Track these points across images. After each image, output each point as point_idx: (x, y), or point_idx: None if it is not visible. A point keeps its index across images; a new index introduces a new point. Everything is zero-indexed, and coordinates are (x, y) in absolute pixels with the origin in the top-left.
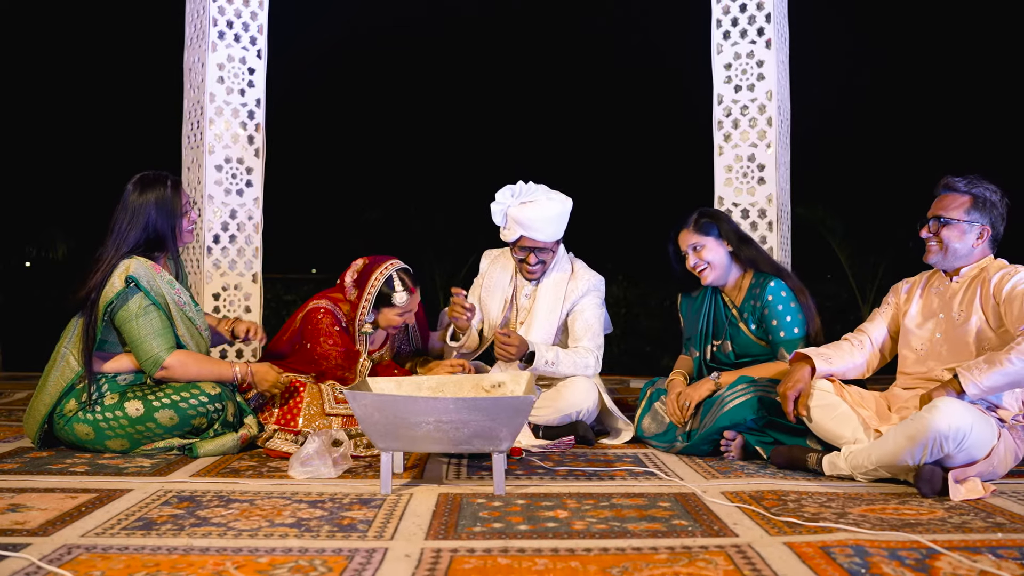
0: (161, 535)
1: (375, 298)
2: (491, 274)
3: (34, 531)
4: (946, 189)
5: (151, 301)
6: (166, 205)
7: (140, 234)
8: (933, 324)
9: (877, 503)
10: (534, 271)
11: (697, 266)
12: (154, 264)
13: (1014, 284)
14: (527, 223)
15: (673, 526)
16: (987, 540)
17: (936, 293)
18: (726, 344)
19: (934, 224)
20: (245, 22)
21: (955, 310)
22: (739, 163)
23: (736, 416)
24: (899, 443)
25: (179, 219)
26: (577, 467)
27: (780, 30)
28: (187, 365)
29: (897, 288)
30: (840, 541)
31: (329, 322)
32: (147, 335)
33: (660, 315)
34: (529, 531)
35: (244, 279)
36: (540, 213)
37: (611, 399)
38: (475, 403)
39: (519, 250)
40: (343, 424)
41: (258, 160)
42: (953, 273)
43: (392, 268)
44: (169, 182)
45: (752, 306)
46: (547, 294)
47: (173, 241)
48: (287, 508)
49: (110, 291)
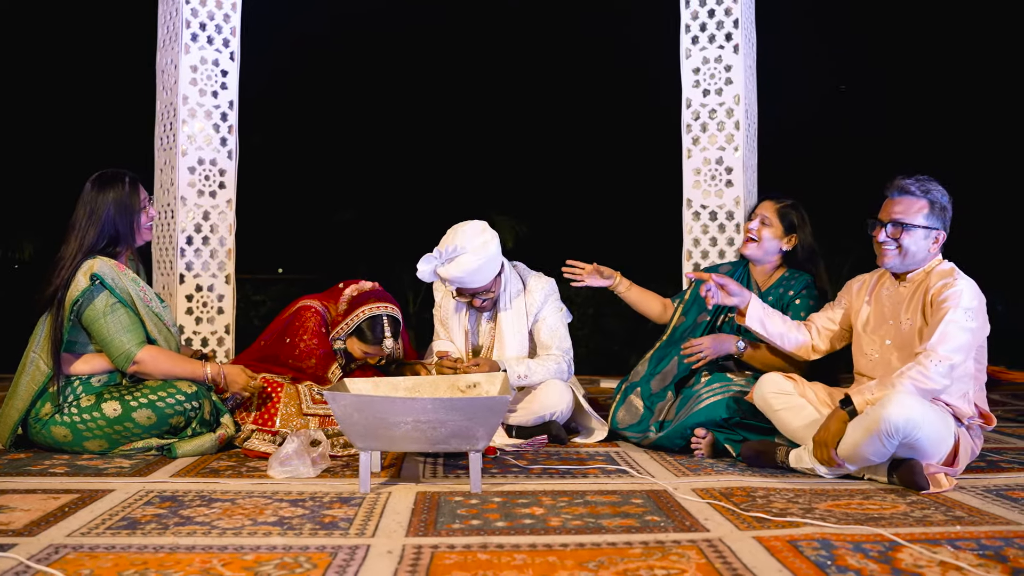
0: (146, 534)
1: (354, 327)
2: (446, 306)
3: (19, 531)
4: (901, 192)
5: (117, 298)
6: (124, 201)
7: (99, 231)
8: (883, 330)
9: (842, 498)
10: (485, 306)
11: (751, 232)
12: (117, 263)
13: (945, 298)
14: (457, 279)
15: (646, 522)
16: (946, 532)
17: (887, 296)
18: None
19: (894, 229)
20: (218, 24)
21: (903, 317)
22: (707, 166)
23: (711, 414)
24: (856, 436)
25: (137, 215)
26: (551, 465)
27: (748, 36)
28: (159, 360)
29: (850, 286)
30: (807, 535)
31: (317, 322)
32: (117, 332)
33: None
34: (507, 527)
35: (217, 280)
36: (465, 269)
37: (585, 399)
38: (452, 403)
39: (463, 296)
40: (320, 424)
41: (231, 162)
42: (902, 277)
43: (382, 310)
44: (127, 179)
45: (779, 292)
46: (508, 315)
47: (132, 237)
48: (269, 507)
49: (75, 290)
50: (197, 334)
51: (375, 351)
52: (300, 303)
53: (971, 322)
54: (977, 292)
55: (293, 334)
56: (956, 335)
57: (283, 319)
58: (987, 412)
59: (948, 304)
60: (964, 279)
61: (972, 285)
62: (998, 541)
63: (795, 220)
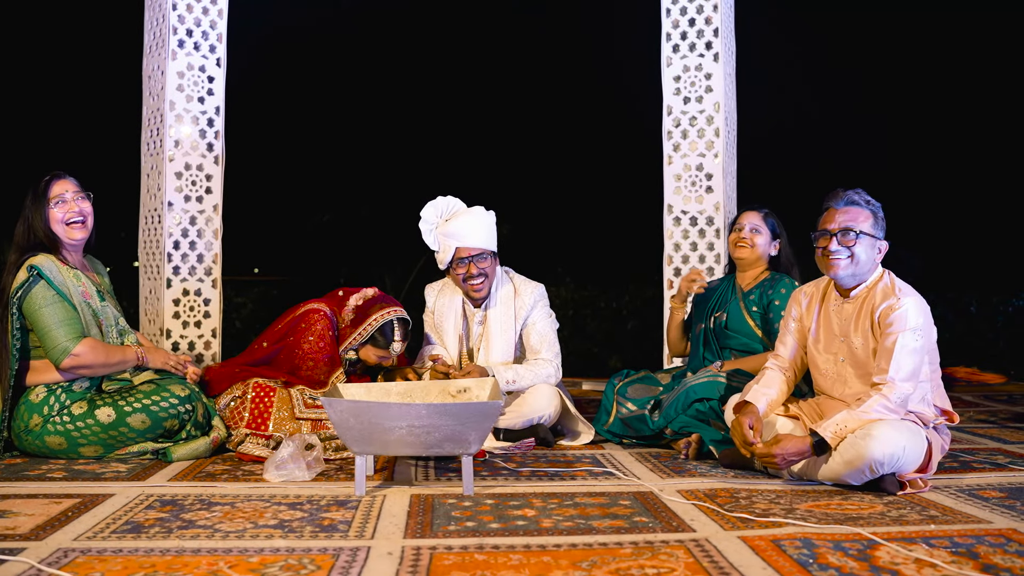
0: (151, 538)
1: (368, 336)
2: (439, 309)
3: (27, 536)
4: (848, 203)
5: (55, 291)
6: (36, 196)
7: (24, 227)
8: (835, 347)
9: (822, 499)
10: (479, 286)
11: (744, 241)
12: (58, 259)
13: (891, 321)
14: (457, 233)
15: (635, 523)
16: (921, 531)
17: (834, 313)
18: (722, 314)
19: (844, 237)
20: (204, 31)
21: (852, 336)
22: (688, 172)
23: (708, 390)
24: (838, 465)
25: (45, 207)
26: (539, 468)
27: (727, 44)
28: (96, 351)
29: (797, 298)
30: (790, 535)
31: (325, 325)
32: (53, 324)
33: (608, 317)
34: (501, 529)
35: (204, 285)
36: (466, 220)
37: (572, 402)
38: (446, 408)
39: (459, 265)
40: (312, 428)
41: (217, 167)
42: (845, 294)
43: (394, 315)
44: (48, 176)
45: (760, 293)
46: (497, 316)
47: (49, 231)
48: (268, 510)
49: (15, 282)
50: (184, 338)
51: (393, 354)
52: (307, 306)
53: (919, 341)
54: (921, 307)
55: (299, 335)
56: (909, 359)
57: (288, 321)
58: (949, 410)
59: (895, 328)
60: (907, 296)
61: (915, 302)
62: (970, 539)
63: (777, 226)
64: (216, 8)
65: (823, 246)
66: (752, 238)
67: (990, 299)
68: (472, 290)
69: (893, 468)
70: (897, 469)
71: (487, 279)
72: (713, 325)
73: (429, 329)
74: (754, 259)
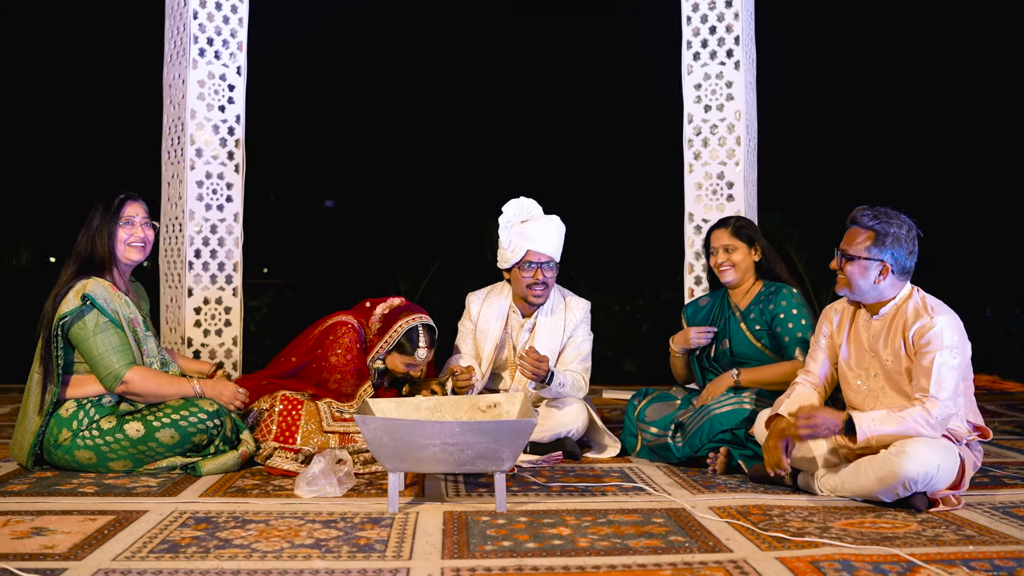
0: (189, 558)
1: (394, 344)
2: (484, 315)
3: (65, 555)
4: (851, 222)
5: (108, 318)
6: (104, 216)
7: (87, 247)
8: (866, 363)
9: (855, 516)
10: (540, 293)
11: (722, 265)
12: (111, 284)
13: (927, 341)
14: (532, 236)
15: (671, 542)
16: (959, 552)
17: (863, 328)
18: (724, 341)
19: (840, 259)
20: (225, 39)
21: (882, 353)
22: (708, 180)
23: (735, 417)
24: (870, 481)
25: (114, 228)
26: (569, 483)
27: (748, 52)
28: (147, 379)
29: (828, 316)
30: (828, 555)
31: (353, 338)
32: (106, 351)
33: (622, 321)
34: (537, 549)
35: (225, 293)
36: (543, 226)
37: (598, 416)
38: (479, 426)
39: (526, 268)
40: (340, 441)
41: (238, 175)
42: (873, 311)
43: (419, 321)
44: (120, 195)
45: (760, 310)
46: (547, 325)
47: (111, 253)
48: (303, 528)
49: (65, 307)
50: (205, 346)
51: (420, 361)
52: (335, 318)
53: (956, 358)
54: (956, 325)
55: (326, 348)
56: (949, 377)
57: (316, 334)
58: (982, 426)
59: (932, 347)
60: (941, 315)
61: (950, 320)
62: (1010, 562)
63: (749, 232)
64: (236, 17)
65: (832, 264)
66: (729, 258)
67: (1006, 302)
68: (532, 295)
69: (926, 487)
70: (930, 487)
71: (548, 288)
72: (715, 353)
73: (461, 340)
74: (739, 278)
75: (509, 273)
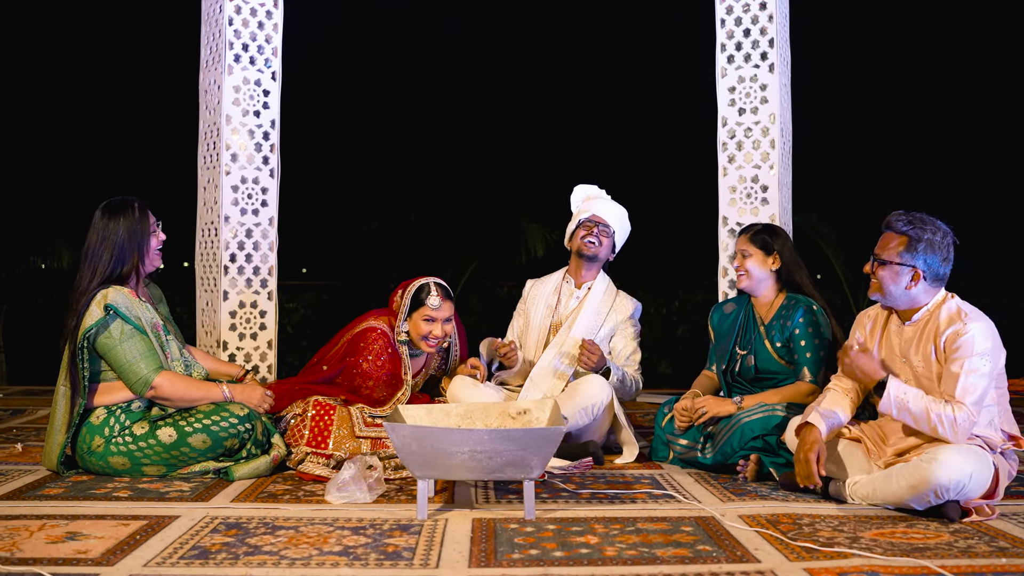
0: (219, 564)
1: (410, 304)
2: (534, 293)
3: (98, 560)
4: (886, 227)
5: (132, 326)
6: (134, 227)
7: (112, 258)
8: (898, 368)
9: (886, 526)
10: (592, 243)
11: (738, 269)
12: (131, 291)
13: (959, 346)
14: (595, 207)
15: (699, 552)
16: (992, 565)
17: (895, 335)
18: (750, 357)
19: (873, 263)
20: (260, 45)
21: (913, 359)
22: (743, 184)
23: (765, 424)
24: (901, 489)
25: (147, 240)
26: (599, 489)
27: (782, 54)
28: (176, 384)
29: (862, 322)
30: (856, 567)
31: (383, 344)
32: (134, 358)
33: (658, 322)
34: (565, 558)
35: (260, 297)
36: (607, 203)
37: (625, 415)
38: (508, 434)
39: (584, 226)
40: (372, 447)
41: (273, 180)
42: (905, 316)
43: (429, 280)
44: (136, 205)
45: (781, 324)
46: (594, 300)
47: (143, 263)
48: (332, 535)
49: (89, 319)
50: (240, 350)
51: (438, 312)
52: (365, 323)
53: (987, 365)
54: (989, 331)
55: (357, 355)
56: (977, 383)
57: (345, 341)
58: (1017, 435)
59: (962, 353)
60: (974, 321)
61: (983, 327)
62: None
63: (768, 240)
64: (271, 23)
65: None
66: (743, 264)
67: None
68: (585, 246)
69: (958, 495)
70: (963, 496)
71: (601, 247)
72: (739, 368)
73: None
74: (753, 285)
75: (571, 244)
